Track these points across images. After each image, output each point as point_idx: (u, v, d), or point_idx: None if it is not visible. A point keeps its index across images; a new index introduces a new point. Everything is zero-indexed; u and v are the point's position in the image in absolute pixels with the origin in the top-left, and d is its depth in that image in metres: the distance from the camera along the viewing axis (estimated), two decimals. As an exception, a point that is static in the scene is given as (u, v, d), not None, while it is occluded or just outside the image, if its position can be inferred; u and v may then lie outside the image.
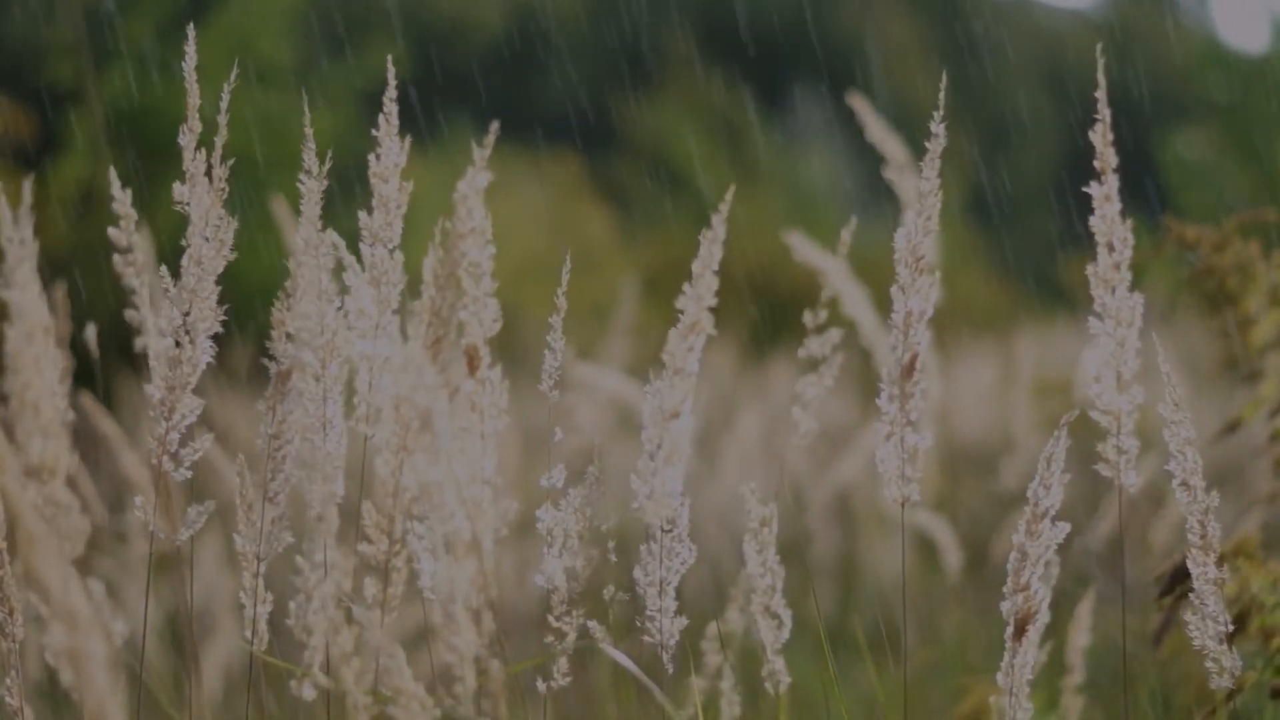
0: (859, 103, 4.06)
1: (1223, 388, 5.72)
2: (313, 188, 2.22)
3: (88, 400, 3.05)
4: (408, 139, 2.28)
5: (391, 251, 2.25)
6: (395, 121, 2.26)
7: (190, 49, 2.24)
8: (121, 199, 2.38)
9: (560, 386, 2.22)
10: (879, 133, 4.04)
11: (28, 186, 2.53)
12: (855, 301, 3.84)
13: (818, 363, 2.58)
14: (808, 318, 2.59)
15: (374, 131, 2.25)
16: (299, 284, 2.21)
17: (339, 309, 2.22)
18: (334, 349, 2.21)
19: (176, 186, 2.23)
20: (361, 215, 2.24)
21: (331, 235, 2.26)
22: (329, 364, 2.21)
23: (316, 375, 2.20)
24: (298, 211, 2.26)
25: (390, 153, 2.26)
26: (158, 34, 8.26)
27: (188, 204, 2.22)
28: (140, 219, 2.44)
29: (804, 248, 3.71)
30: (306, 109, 2.31)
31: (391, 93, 2.24)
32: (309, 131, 2.23)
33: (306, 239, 2.22)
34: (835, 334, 2.59)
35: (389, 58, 2.30)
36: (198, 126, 2.24)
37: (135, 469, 2.97)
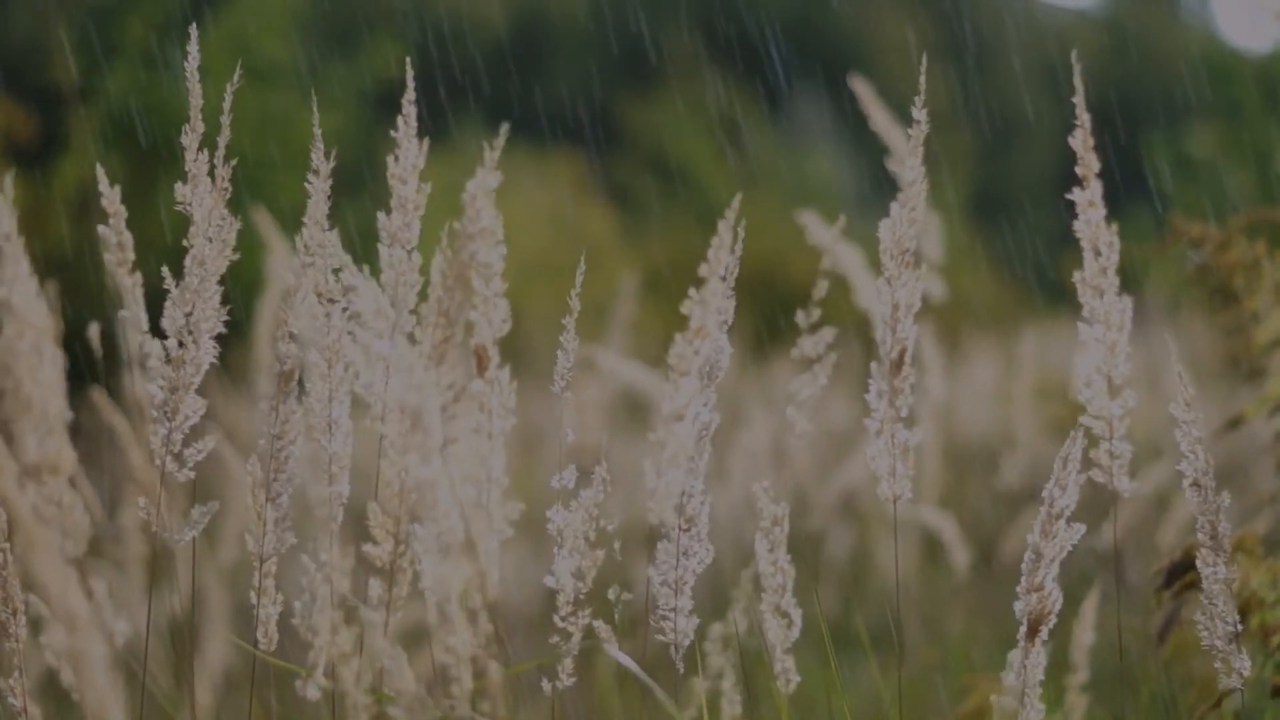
0: (862, 89, 4.01)
1: (1223, 386, 5.72)
2: (320, 189, 2.21)
3: (98, 397, 3.04)
4: (425, 141, 2.27)
5: (410, 253, 2.25)
6: (414, 123, 2.25)
7: (193, 49, 2.23)
8: (110, 196, 2.37)
9: (566, 386, 2.21)
10: (882, 122, 3.99)
11: (8, 181, 2.51)
12: (868, 291, 3.79)
13: (812, 362, 2.57)
14: (800, 317, 2.58)
15: (392, 133, 2.25)
16: (303, 285, 2.20)
17: (344, 310, 2.21)
18: (339, 350, 2.20)
19: (178, 186, 2.22)
20: (380, 216, 2.24)
21: (334, 236, 2.25)
22: (334, 364, 2.20)
23: (323, 375, 2.19)
24: (295, 212, 2.25)
25: (409, 154, 2.25)
26: (159, 33, 8.25)
27: (189, 204, 2.21)
28: (144, 219, 2.43)
29: (817, 229, 3.68)
30: (316, 110, 2.30)
31: (410, 95, 2.24)
32: (318, 133, 2.22)
33: (313, 240, 2.21)
34: (828, 333, 2.58)
35: (407, 59, 2.29)
36: (201, 127, 2.23)
37: (143, 468, 2.97)
